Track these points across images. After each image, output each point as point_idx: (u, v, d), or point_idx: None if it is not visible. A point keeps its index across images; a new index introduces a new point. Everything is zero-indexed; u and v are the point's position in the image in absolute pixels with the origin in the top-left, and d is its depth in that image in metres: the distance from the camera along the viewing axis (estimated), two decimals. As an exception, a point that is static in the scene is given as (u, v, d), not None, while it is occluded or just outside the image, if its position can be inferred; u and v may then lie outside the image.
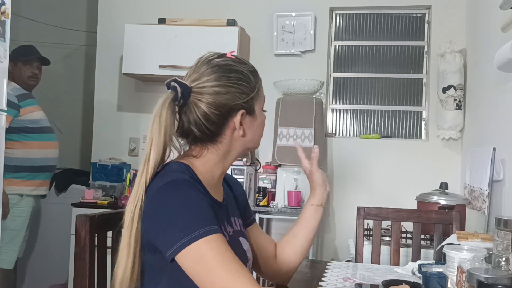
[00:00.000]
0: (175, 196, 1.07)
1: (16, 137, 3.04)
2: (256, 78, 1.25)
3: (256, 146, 1.30)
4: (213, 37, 3.30)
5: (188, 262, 1.03)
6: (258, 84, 1.25)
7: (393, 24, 3.62)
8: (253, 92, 1.22)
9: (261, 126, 1.27)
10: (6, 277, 3.08)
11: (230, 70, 1.20)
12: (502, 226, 1.32)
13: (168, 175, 1.12)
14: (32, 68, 3.22)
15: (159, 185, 1.10)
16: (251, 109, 1.22)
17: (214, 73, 1.18)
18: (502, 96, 2.40)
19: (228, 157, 1.24)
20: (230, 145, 1.22)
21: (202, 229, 1.03)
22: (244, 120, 1.21)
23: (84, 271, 1.30)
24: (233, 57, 1.24)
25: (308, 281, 1.57)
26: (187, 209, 1.06)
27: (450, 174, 3.19)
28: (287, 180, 3.26)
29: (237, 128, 1.20)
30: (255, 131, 1.25)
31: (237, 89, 1.19)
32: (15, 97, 3.01)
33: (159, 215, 1.07)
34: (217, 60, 1.21)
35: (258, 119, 1.25)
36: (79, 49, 4.48)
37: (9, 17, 2.32)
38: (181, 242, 1.02)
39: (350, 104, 3.66)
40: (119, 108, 3.84)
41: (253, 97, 1.22)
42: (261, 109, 1.27)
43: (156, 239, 1.08)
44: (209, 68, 1.19)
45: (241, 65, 1.23)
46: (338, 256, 3.38)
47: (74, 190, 3.65)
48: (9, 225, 2.96)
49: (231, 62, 1.22)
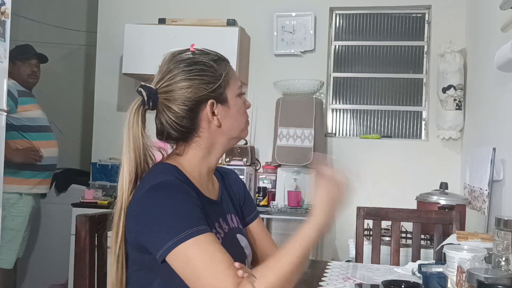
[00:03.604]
0: (162, 198, 1.08)
1: (17, 136, 3.05)
2: (222, 66, 1.23)
3: (242, 134, 1.27)
4: (213, 37, 3.30)
5: (177, 264, 1.04)
6: (225, 72, 1.22)
7: (393, 24, 3.62)
8: (219, 80, 1.20)
9: (240, 112, 1.24)
10: (6, 277, 3.08)
11: (190, 63, 1.20)
12: (502, 226, 1.32)
13: (154, 177, 1.13)
14: (31, 66, 3.23)
15: (146, 188, 1.11)
16: (221, 98, 1.21)
17: (175, 70, 1.19)
18: (502, 96, 2.40)
19: (212, 151, 1.24)
20: (211, 138, 1.21)
21: (189, 230, 1.04)
22: (216, 110, 1.20)
23: (84, 271, 1.30)
24: (194, 50, 1.23)
25: (308, 281, 1.57)
26: (174, 211, 1.07)
27: (450, 174, 3.18)
28: (287, 180, 3.26)
29: (210, 119, 1.20)
30: (234, 119, 1.23)
31: (200, 80, 1.18)
32: (16, 91, 3.02)
33: (147, 217, 1.08)
34: (178, 56, 1.22)
35: (232, 106, 1.22)
36: (79, 49, 4.48)
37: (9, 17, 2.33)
38: (169, 244, 1.03)
39: (350, 104, 3.66)
40: (119, 108, 3.84)
41: (220, 85, 1.20)
42: (236, 96, 1.24)
43: (145, 241, 1.09)
44: (171, 65, 1.20)
45: (202, 56, 1.22)
46: (338, 256, 3.38)
47: (74, 190, 3.65)
48: (9, 224, 2.96)
49: (190, 55, 1.22)
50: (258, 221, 1.42)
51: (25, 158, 3.03)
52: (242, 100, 1.26)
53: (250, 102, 1.30)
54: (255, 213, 1.42)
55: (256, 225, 1.40)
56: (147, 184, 1.11)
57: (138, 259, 1.14)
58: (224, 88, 1.21)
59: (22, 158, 3.01)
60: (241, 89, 1.27)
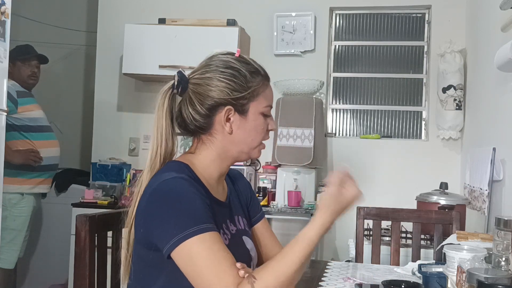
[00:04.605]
0: (171, 194, 1.09)
1: (18, 136, 3.05)
2: (256, 79, 1.23)
3: (252, 152, 1.25)
4: (213, 37, 3.30)
5: (181, 260, 1.05)
6: (257, 86, 1.23)
7: (393, 24, 3.62)
8: (246, 91, 1.21)
9: (257, 130, 1.23)
10: (7, 277, 3.08)
11: (227, 66, 1.21)
12: (502, 226, 1.32)
13: (166, 173, 1.14)
14: (31, 67, 3.23)
15: (156, 183, 1.12)
16: (241, 108, 1.21)
17: (211, 67, 1.22)
18: (502, 96, 2.40)
19: (224, 158, 1.24)
20: (223, 143, 1.22)
21: (195, 226, 1.05)
22: (232, 118, 1.21)
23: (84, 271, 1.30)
24: (237, 56, 1.25)
25: (308, 281, 1.57)
26: (182, 207, 1.08)
27: (450, 174, 3.18)
28: (287, 180, 3.26)
29: (223, 124, 1.20)
30: (248, 133, 1.22)
31: (228, 84, 1.19)
32: (15, 92, 3.02)
33: (156, 212, 1.09)
34: (221, 56, 1.24)
35: (251, 121, 1.22)
36: (79, 49, 4.48)
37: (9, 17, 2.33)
38: (175, 239, 1.04)
39: (350, 104, 3.66)
40: (119, 108, 3.84)
41: (245, 97, 1.20)
42: (260, 113, 1.23)
43: (153, 236, 1.10)
44: (210, 62, 1.23)
45: (240, 64, 1.23)
46: (338, 256, 3.38)
47: (74, 190, 3.65)
48: (10, 225, 2.97)
49: (231, 59, 1.23)
50: (264, 221, 1.43)
51: (25, 160, 3.02)
52: (265, 121, 1.25)
53: (276, 127, 1.29)
54: (261, 214, 1.43)
55: (261, 225, 1.41)
56: (157, 180, 1.13)
57: (144, 256, 1.15)
58: (249, 101, 1.21)
59: (21, 159, 3.01)
60: (269, 110, 1.26)
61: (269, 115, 1.27)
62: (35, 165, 3.07)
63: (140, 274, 1.17)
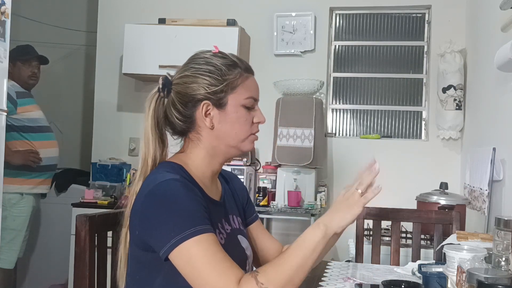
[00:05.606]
0: (167, 196, 1.09)
1: (17, 137, 3.05)
2: (233, 72, 1.22)
3: (241, 145, 1.24)
4: (213, 37, 3.29)
5: (180, 262, 1.05)
6: (234, 78, 1.21)
7: (393, 24, 3.62)
8: (222, 84, 1.20)
9: (239, 122, 1.22)
10: (7, 277, 3.08)
11: (203, 63, 1.23)
12: (502, 226, 1.32)
13: (160, 175, 1.13)
14: (31, 68, 3.23)
15: (151, 185, 1.12)
16: (219, 102, 1.21)
17: (188, 65, 1.24)
18: (502, 96, 2.40)
19: (213, 154, 1.24)
20: (209, 139, 1.23)
21: (192, 228, 1.05)
22: (211, 112, 1.21)
23: (84, 271, 1.30)
24: (216, 52, 1.26)
25: (308, 281, 1.57)
26: (177, 209, 1.07)
27: (450, 174, 3.18)
28: (287, 180, 3.26)
29: (203, 119, 1.21)
30: (231, 126, 1.21)
31: (203, 79, 1.20)
32: (14, 92, 3.02)
33: (152, 215, 1.09)
34: (199, 54, 1.26)
35: (231, 114, 1.21)
36: (79, 49, 4.48)
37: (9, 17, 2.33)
38: (172, 242, 1.04)
39: (350, 104, 3.66)
40: (119, 108, 3.84)
41: (222, 90, 1.20)
42: (241, 106, 1.22)
43: (149, 238, 1.10)
44: (189, 61, 1.26)
45: (217, 58, 1.23)
46: (338, 256, 3.38)
47: (74, 190, 3.65)
48: (10, 225, 2.97)
49: (208, 55, 1.24)
50: (258, 222, 1.45)
51: (24, 160, 3.02)
52: (249, 113, 1.23)
53: (264, 118, 1.27)
54: (255, 215, 1.45)
55: (256, 225, 1.43)
56: (152, 182, 1.12)
57: (141, 258, 1.15)
58: (226, 94, 1.21)
59: (21, 160, 3.01)
60: (251, 101, 1.24)
61: (252, 107, 1.25)
62: (34, 166, 3.07)
63: (137, 276, 1.17)
